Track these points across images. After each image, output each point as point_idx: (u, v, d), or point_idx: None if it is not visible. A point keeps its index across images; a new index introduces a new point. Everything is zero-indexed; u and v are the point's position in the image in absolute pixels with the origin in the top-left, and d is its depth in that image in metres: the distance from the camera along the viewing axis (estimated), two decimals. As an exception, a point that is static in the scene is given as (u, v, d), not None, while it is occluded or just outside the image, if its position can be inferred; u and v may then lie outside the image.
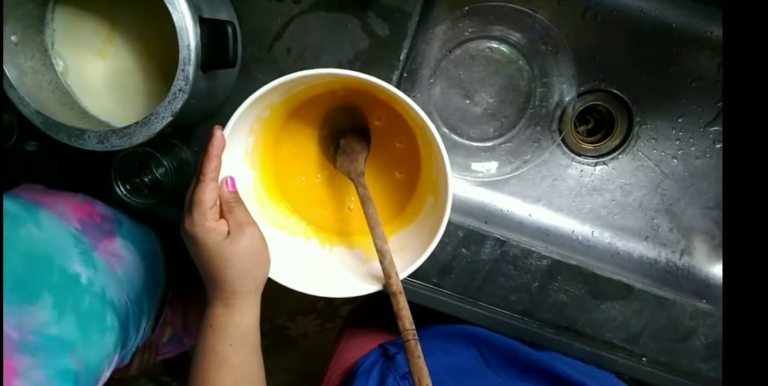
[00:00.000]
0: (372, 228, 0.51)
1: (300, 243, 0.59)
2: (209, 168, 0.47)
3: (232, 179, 0.51)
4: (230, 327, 0.48)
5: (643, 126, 0.75)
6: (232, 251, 0.47)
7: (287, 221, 0.60)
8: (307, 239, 0.60)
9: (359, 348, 0.74)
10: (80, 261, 0.56)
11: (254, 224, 0.49)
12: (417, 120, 0.49)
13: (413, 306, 0.67)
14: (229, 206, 0.49)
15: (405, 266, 0.52)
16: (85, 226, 0.60)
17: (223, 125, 0.49)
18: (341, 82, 0.54)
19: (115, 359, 0.59)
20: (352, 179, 0.55)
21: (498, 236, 0.67)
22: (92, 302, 0.56)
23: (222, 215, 0.49)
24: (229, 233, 0.48)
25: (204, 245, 0.46)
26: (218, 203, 0.48)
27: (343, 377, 0.71)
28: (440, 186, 0.51)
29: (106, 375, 0.58)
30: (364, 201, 0.52)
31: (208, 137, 0.48)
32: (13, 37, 0.54)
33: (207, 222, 0.46)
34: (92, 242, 0.59)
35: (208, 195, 0.46)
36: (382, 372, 0.64)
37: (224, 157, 0.48)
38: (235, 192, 0.51)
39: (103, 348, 0.56)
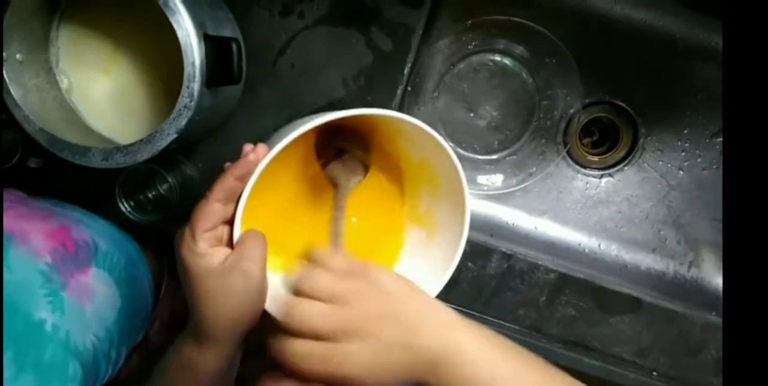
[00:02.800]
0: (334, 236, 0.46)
1: None
2: (218, 187, 0.40)
3: None
4: (190, 367, 0.43)
5: (649, 138, 0.75)
6: (217, 287, 0.40)
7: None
8: None
9: None
10: (46, 304, 0.52)
11: (260, 262, 0.41)
12: (423, 151, 0.48)
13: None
14: (248, 237, 0.42)
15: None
16: (57, 259, 0.55)
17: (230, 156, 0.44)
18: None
19: None
20: (337, 185, 0.50)
21: (504, 249, 0.66)
22: (55, 352, 0.52)
23: (231, 245, 0.42)
24: (224, 264, 0.41)
25: (188, 270, 0.40)
26: (224, 227, 0.42)
27: None
28: (446, 216, 0.51)
29: None
30: (338, 210, 0.47)
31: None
32: (18, 56, 0.54)
33: (195, 246, 0.40)
34: (63, 279, 0.55)
35: (205, 216, 0.40)
36: None
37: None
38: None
39: None
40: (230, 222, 0.42)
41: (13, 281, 0.51)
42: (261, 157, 0.40)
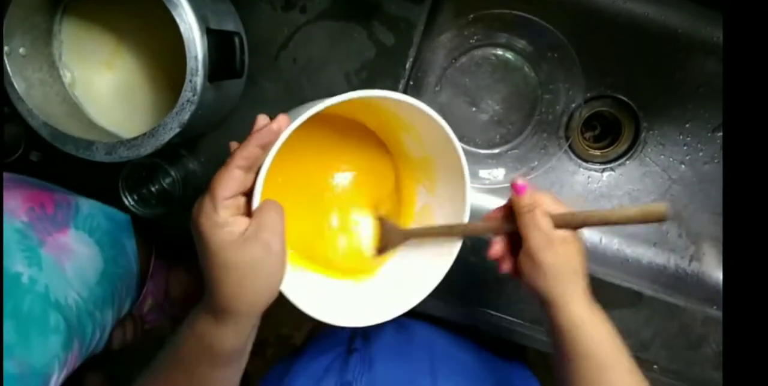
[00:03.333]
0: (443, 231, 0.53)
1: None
2: (239, 154, 0.38)
3: None
4: (206, 341, 0.41)
5: (651, 132, 0.75)
6: (238, 259, 0.38)
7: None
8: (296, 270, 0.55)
9: None
10: (23, 259, 0.54)
11: (280, 234, 0.40)
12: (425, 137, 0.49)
13: (421, 316, 0.67)
14: (266, 207, 0.40)
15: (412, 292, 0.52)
16: (34, 219, 0.56)
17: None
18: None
19: (71, 357, 0.58)
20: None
21: (506, 243, 0.66)
22: (33, 303, 0.53)
23: (249, 214, 0.40)
24: (244, 235, 0.39)
25: (207, 242, 0.38)
26: (243, 198, 0.40)
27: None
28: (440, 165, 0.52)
29: (60, 373, 0.56)
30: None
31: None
32: (21, 50, 0.54)
33: (216, 214, 0.38)
34: (40, 236, 0.56)
35: (227, 183, 0.38)
36: (330, 366, 0.62)
37: None
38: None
39: (46, 350, 0.54)
40: (248, 193, 0.41)
41: None
42: (284, 127, 0.40)
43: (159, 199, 0.65)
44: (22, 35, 0.54)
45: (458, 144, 0.48)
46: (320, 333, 0.72)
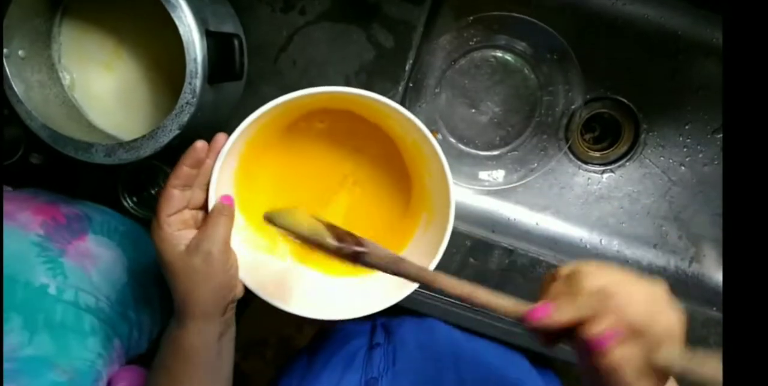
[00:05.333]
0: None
1: (290, 267, 0.57)
2: (173, 174, 0.44)
3: (228, 196, 0.48)
4: (178, 344, 0.46)
5: (650, 133, 0.75)
6: (183, 269, 0.44)
7: (276, 248, 0.57)
8: (296, 262, 0.57)
9: None
10: (46, 270, 0.55)
11: (218, 244, 0.45)
12: (412, 134, 0.48)
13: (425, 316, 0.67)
14: (209, 219, 0.46)
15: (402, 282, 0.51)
16: (50, 230, 0.57)
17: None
18: (322, 104, 0.51)
19: (115, 355, 0.58)
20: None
21: (506, 245, 0.66)
22: (65, 311, 0.54)
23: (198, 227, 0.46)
24: (188, 247, 0.44)
25: (158, 254, 0.44)
26: (189, 212, 0.46)
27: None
28: (438, 201, 0.51)
29: (108, 369, 0.56)
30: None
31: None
32: (20, 52, 0.54)
33: (161, 230, 0.44)
34: (60, 246, 0.57)
35: (165, 201, 0.44)
36: (352, 362, 0.62)
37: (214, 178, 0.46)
38: (227, 206, 0.47)
39: (87, 351, 0.55)
40: (200, 207, 0.47)
41: (6, 255, 0.53)
42: (208, 146, 0.45)
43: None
44: (22, 37, 0.54)
45: (451, 179, 0.47)
46: (335, 329, 0.72)
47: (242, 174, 0.52)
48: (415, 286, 0.50)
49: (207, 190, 0.46)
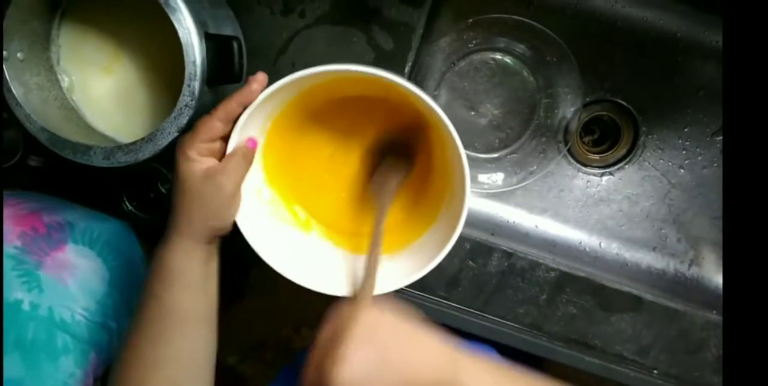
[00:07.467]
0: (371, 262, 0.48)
1: (314, 241, 0.58)
2: (221, 107, 0.46)
3: (253, 139, 0.50)
4: (164, 262, 0.48)
5: (650, 136, 0.74)
6: (194, 189, 0.46)
7: (301, 222, 0.59)
8: (321, 238, 0.59)
9: None
10: (21, 285, 0.54)
11: (233, 181, 0.47)
12: (434, 120, 0.49)
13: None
14: (230, 156, 0.48)
15: (409, 272, 0.51)
16: (28, 241, 0.57)
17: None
18: (360, 86, 0.52)
19: (89, 371, 0.57)
20: (376, 205, 0.53)
21: (505, 248, 0.66)
22: (37, 329, 0.54)
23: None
24: (206, 172, 0.47)
25: (177, 170, 0.47)
26: (219, 144, 0.48)
27: None
28: (456, 197, 0.51)
29: (83, 384, 0.56)
30: (375, 233, 0.50)
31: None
32: (19, 54, 0.54)
33: (189, 150, 0.46)
34: (37, 258, 0.57)
35: (205, 127, 0.46)
36: None
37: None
38: (250, 148, 0.49)
39: (58, 372, 0.54)
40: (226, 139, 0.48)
41: None
42: (262, 86, 0.46)
43: (158, 204, 0.65)
44: (20, 40, 0.54)
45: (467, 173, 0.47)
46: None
47: (271, 150, 0.55)
48: (429, 269, 0.50)
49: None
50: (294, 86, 0.47)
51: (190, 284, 0.49)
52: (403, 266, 0.52)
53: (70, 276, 0.58)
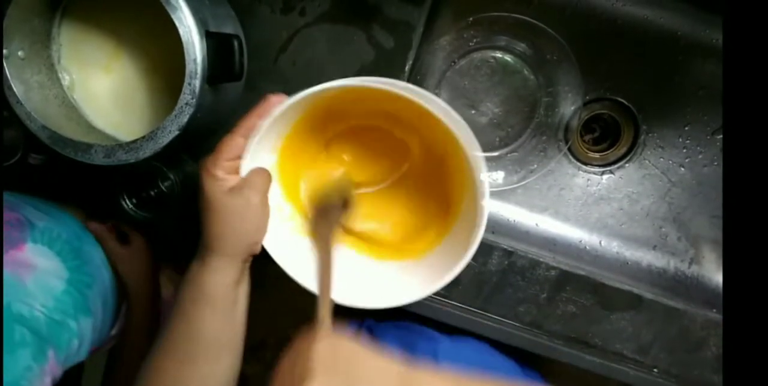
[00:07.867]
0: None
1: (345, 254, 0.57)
2: (242, 124, 0.47)
3: None
4: (197, 283, 0.48)
5: (650, 134, 0.74)
6: (223, 206, 0.46)
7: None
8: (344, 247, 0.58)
9: None
10: None
11: (260, 192, 0.48)
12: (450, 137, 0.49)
13: (420, 319, 0.67)
14: (255, 169, 0.49)
15: (430, 281, 0.51)
16: None
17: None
18: (364, 97, 0.52)
19: (47, 367, 0.57)
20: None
21: (505, 246, 0.66)
22: None
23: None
24: (232, 189, 0.47)
25: (203, 191, 0.47)
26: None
27: None
28: (472, 203, 0.51)
29: (38, 381, 0.56)
30: (323, 265, 0.50)
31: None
32: (19, 53, 0.54)
33: (215, 170, 0.46)
34: None
35: (228, 145, 0.46)
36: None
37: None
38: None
39: (16, 364, 0.53)
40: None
41: None
42: (279, 100, 0.46)
43: (158, 202, 0.65)
44: (21, 38, 0.54)
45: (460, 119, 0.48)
46: None
47: (286, 167, 0.55)
48: (446, 282, 0.51)
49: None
50: (308, 100, 0.47)
51: (221, 307, 0.49)
52: (427, 272, 0.52)
53: (29, 274, 0.58)
